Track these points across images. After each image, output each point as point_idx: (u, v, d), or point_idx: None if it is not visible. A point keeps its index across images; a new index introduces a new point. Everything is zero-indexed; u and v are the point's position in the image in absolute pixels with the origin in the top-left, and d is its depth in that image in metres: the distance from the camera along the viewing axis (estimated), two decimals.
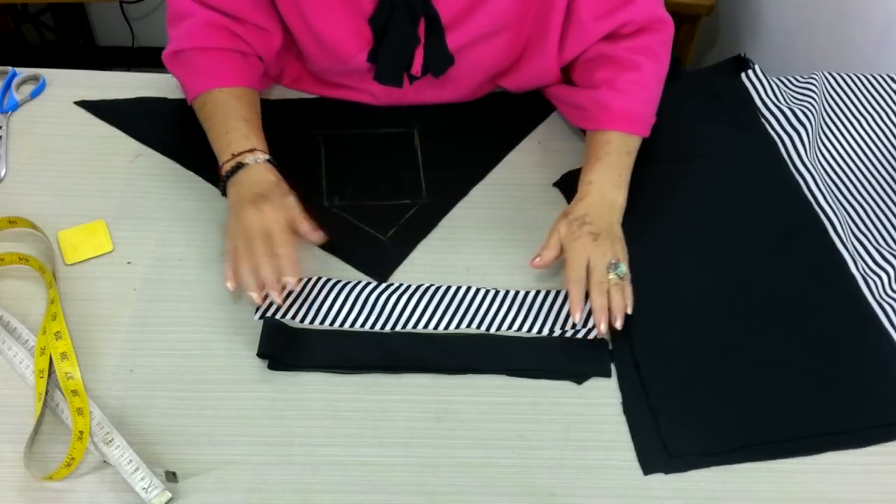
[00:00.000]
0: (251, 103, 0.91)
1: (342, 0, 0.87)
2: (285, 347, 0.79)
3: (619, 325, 0.79)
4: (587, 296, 0.81)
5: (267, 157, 0.86)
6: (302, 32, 0.91)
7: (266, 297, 0.80)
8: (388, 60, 0.92)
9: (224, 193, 0.86)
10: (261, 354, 0.78)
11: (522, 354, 0.81)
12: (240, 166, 0.85)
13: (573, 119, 0.97)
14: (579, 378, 0.79)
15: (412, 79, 0.95)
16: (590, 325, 0.83)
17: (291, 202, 0.83)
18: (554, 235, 0.84)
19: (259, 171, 0.84)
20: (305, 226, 0.83)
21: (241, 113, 0.88)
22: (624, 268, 0.81)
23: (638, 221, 0.92)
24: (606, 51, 0.91)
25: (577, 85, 0.96)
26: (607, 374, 0.79)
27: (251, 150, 0.86)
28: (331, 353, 0.79)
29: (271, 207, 0.81)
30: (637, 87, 0.90)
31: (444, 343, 0.81)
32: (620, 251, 0.83)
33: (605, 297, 0.80)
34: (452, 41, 0.90)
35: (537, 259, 0.84)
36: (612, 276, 0.81)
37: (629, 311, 0.81)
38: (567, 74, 0.98)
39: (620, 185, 0.88)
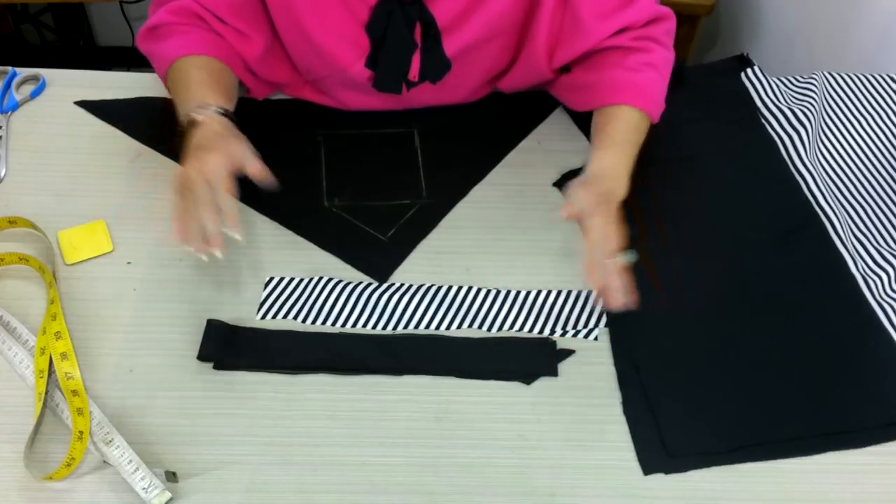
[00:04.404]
0: (218, 72, 0.87)
1: (339, 8, 0.87)
2: (225, 349, 0.78)
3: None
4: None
5: (219, 109, 0.82)
6: (297, 43, 0.91)
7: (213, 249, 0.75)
8: (386, 67, 0.92)
9: None
10: (201, 357, 0.78)
11: (469, 356, 0.80)
12: (192, 124, 0.81)
13: (576, 104, 0.96)
14: (527, 378, 0.79)
15: (410, 85, 0.94)
16: (591, 325, 0.83)
17: (235, 146, 0.79)
18: (574, 204, 0.81)
19: (207, 125, 0.80)
20: (252, 166, 0.78)
21: (203, 80, 0.84)
22: (632, 255, 0.80)
23: (637, 221, 0.92)
24: (611, 43, 0.91)
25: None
26: (554, 374, 0.79)
27: (203, 106, 0.82)
28: (273, 354, 0.79)
29: (211, 156, 0.76)
30: (647, 67, 0.89)
31: (390, 344, 0.81)
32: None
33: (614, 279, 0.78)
34: (449, 46, 0.90)
35: (564, 211, 0.81)
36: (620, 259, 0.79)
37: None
38: (564, 71, 0.98)
39: (627, 175, 0.87)
